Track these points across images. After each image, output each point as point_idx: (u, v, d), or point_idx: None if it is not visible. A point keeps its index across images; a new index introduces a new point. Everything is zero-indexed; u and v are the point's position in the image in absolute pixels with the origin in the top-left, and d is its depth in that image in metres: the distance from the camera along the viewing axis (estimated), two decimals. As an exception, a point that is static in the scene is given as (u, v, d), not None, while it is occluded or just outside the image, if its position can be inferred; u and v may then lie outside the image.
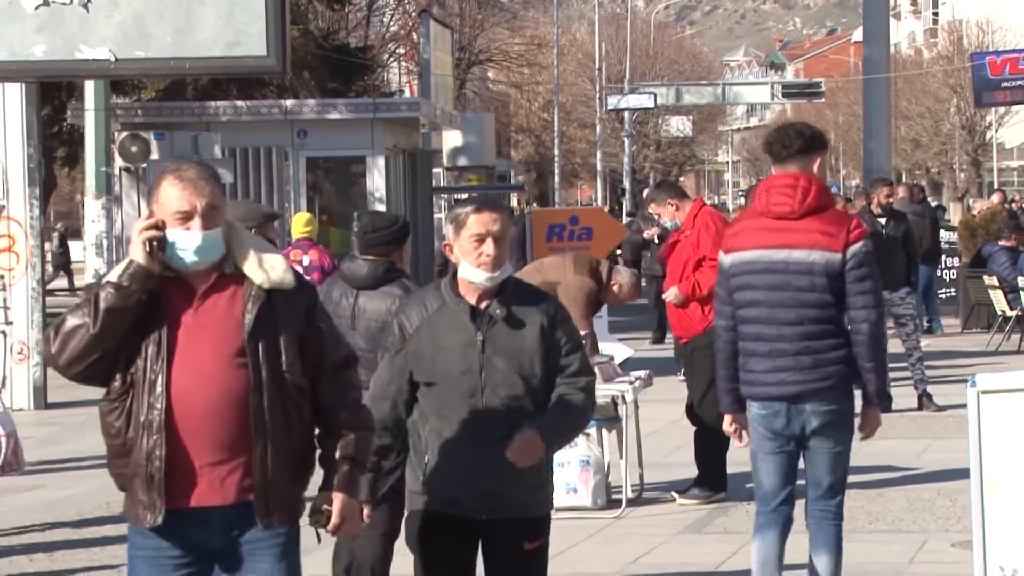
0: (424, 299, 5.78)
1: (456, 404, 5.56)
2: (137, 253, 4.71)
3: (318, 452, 4.98)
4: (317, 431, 4.98)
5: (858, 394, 7.45)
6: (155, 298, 4.73)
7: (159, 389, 4.69)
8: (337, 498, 4.86)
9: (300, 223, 16.30)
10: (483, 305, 5.57)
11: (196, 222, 4.69)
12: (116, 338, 4.70)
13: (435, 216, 31.67)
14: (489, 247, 5.51)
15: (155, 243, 4.67)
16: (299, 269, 16.37)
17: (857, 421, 7.50)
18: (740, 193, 64.57)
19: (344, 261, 8.67)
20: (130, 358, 4.76)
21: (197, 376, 4.72)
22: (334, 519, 4.86)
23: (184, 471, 4.71)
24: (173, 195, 4.73)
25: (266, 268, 4.84)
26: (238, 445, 4.73)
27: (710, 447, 11.23)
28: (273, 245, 9.47)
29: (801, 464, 7.53)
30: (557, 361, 5.64)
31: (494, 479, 5.53)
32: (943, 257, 26.41)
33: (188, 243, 4.72)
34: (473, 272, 5.55)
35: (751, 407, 7.67)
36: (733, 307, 7.71)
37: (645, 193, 42.03)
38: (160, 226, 4.69)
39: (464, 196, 30.92)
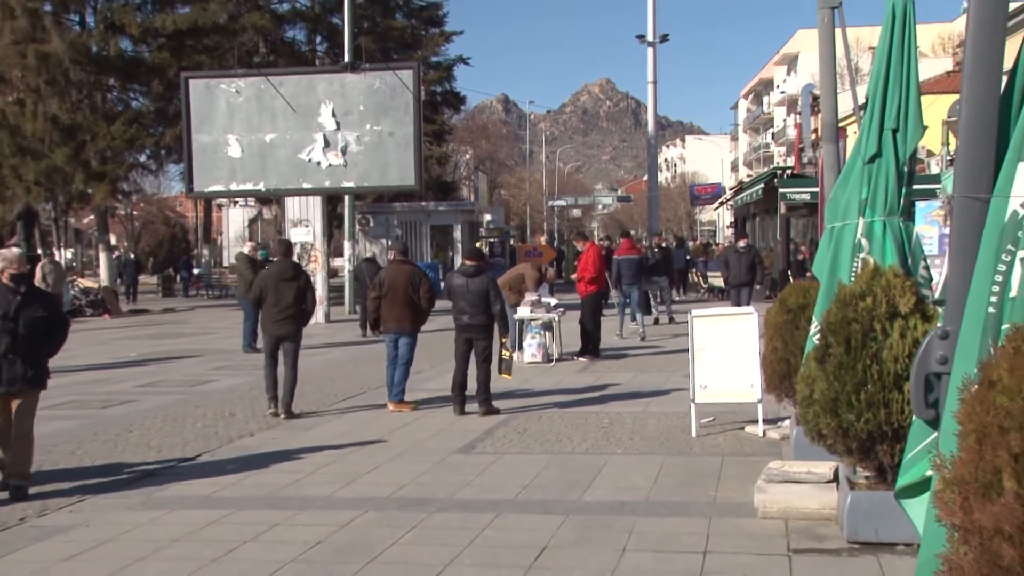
0: None
1: None
2: None
3: None
4: None
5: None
6: None
7: None
8: None
9: (475, 246, 17.31)
10: None
11: None
12: None
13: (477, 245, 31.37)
14: None
15: None
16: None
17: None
18: (602, 238, 63.84)
19: (459, 265, 8.01)
20: None
21: None
22: None
23: None
24: None
25: None
26: None
27: (589, 337, 11.01)
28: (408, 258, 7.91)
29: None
30: None
31: None
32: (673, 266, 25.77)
33: None
34: None
35: (625, 288, 11.88)
36: (618, 268, 11.70)
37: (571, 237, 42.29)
38: None
39: (492, 239, 31.28)
